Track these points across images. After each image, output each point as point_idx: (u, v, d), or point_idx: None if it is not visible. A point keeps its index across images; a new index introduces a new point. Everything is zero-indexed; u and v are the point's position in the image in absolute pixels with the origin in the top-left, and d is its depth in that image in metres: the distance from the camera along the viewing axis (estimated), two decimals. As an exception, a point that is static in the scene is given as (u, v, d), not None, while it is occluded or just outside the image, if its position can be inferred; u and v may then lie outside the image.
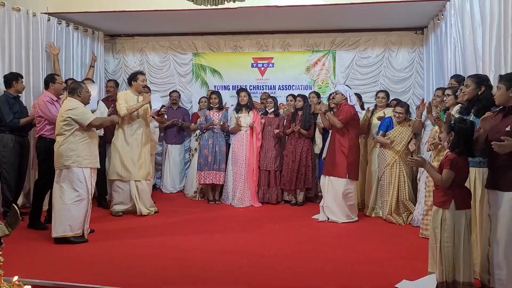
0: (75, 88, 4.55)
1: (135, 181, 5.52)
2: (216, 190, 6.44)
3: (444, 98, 4.41)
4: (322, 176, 5.52)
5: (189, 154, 7.10)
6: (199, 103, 7.24)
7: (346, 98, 5.36)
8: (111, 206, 5.60)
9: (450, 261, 3.04)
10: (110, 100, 6.38)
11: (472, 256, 3.13)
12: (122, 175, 5.48)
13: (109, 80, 7.09)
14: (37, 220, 4.86)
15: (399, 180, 5.33)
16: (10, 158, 5.08)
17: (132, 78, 5.67)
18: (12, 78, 5.22)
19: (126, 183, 5.52)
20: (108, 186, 5.97)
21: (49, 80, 5.13)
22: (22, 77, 5.31)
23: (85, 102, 4.58)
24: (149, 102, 5.51)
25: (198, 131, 6.71)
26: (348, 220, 5.29)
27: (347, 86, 5.81)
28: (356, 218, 5.39)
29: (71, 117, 4.34)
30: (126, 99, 5.51)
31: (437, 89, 5.20)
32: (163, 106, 5.71)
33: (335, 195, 5.30)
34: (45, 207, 5.09)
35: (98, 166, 4.62)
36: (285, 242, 4.50)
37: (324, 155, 5.84)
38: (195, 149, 6.78)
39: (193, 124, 6.99)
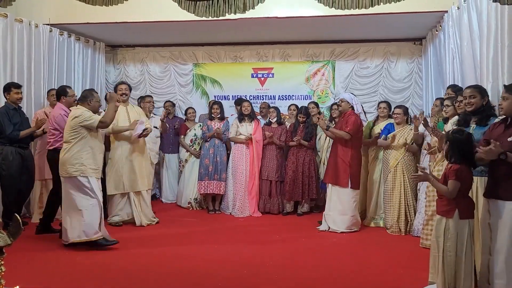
0: (86, 96, 4.62)
1: (134, 192, 5.53)
2: (216, 199, 6.44)
3: (444, 109, 4.44)
4: (327, 184, 5.51)
5: (180, 165, 6.95)
6: (185, 114, 7.08)
7: (352, 106, 5.33)
8: (109, 217, 5.56)
9: (452, 270, 3.04)
10: None
11: (474, 266, 3.13)
12: (121, 188, 5.47)
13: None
14: (49, 224, 5.05)
15: (404, 185, 5.28)
16: (10, 171, 5.01)
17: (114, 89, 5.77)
18: (4, 89, 5.16)
19: (125, 195, 5.52)
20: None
21: (61, 93, 5.12)
22: (16, 87, 5.16)
23: (95, 111, 4.66)
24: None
25: (188, 142, 6.70)
26: (348, 230, 5.28)
27: (353, 94, 5.80)
28: (356, 229, 5.38)
29: (80, 125, 4.40)
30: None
31: (437, 99, 5.24)
32: (145, 129, 5.47)
33: (342, 206, 5.27)
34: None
35: (101, 176, 4.71)
36: (285, 252, 4.49)
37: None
38: (185, 160, 6.76)
39: (182, 136, 6.82)
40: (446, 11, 5.49)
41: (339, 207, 5.28)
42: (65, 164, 4.41)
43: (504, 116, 3.14)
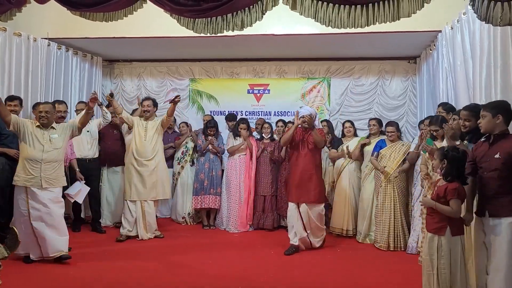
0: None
1: (141, 201, 5.55)
2: (211, 214, 6.42)
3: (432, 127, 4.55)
4: (296, 206, 5.20)
5: (173, 179, 6.83)
6: (179, 128, 7.09)
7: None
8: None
9: (447, 287, 3.05)
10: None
11: (469, 282, 3.14)
12: (132, 196, 5.52)
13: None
14: None
15: (394, 201, 5.32)
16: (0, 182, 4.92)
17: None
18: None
19: (134, 205, 5.55)
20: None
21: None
22: (10, 100, 5.10)
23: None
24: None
25: (179, 155, 6.71)
26: (321, 243, 5.34)
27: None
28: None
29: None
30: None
31: (425, 118, 5.32)
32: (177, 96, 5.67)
33: (322, 222, 5.30)
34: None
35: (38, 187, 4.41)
36: (280, 268, 4.48)
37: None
38: (178, 172, 6.73)
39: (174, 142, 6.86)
40: (440, 31, 5.60)
41: (320, 225, 5.28)
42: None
43: (487, 135, 3.20)
